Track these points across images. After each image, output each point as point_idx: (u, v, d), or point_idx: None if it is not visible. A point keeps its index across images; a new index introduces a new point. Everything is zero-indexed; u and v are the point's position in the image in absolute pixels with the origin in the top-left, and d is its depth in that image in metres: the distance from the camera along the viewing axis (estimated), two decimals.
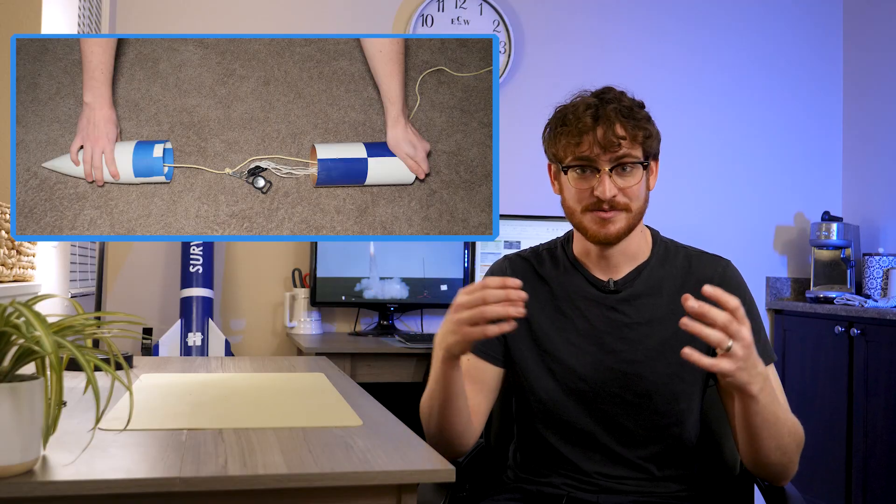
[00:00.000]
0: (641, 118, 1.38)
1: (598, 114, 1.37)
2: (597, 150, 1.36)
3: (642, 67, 3.58)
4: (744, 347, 1.15)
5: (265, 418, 1.24)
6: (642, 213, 1.42)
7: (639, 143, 1.37)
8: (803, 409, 3.30)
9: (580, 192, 1.40)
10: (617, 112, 1.36)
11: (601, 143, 1.36)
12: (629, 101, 1.40)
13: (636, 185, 1.38)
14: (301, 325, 3.12)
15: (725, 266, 1.47)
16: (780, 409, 1.29)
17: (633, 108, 1.38)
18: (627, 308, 1.44)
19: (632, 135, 1.36)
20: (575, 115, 1.38)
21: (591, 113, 1.37)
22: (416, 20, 3.35)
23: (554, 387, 1.45)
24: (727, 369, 1.15)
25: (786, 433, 1.30)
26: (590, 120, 1.36)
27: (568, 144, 1.39)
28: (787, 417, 1.31)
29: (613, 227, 1.39)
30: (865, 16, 3.71)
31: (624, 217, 1.39)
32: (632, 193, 1.38)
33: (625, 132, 1.36)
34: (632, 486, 1.43)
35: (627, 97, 1.41)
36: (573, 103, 1.41)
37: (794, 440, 1.33)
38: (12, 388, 0.86)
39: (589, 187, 1.38)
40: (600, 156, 1.36)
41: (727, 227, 3.65)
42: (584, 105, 1.38)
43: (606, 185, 1.36)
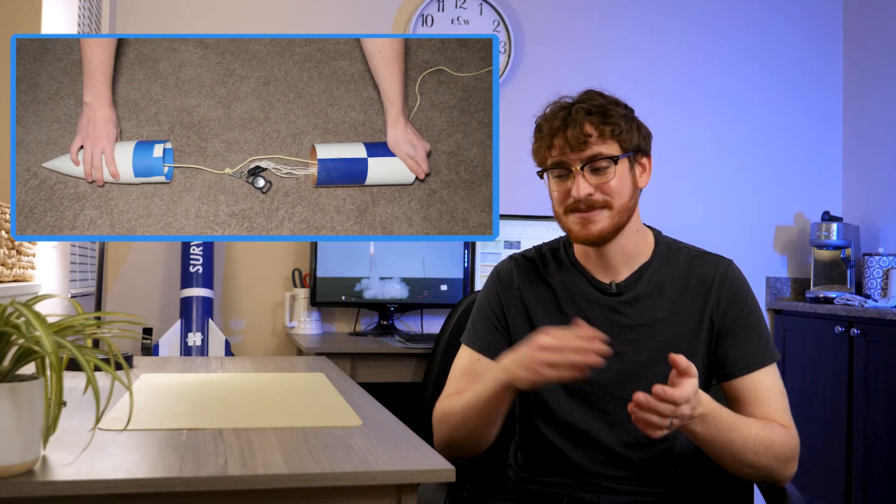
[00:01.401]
0: (613, 115, 1.38)
1: (568, 116, 1.38)
2: (567, 151, 1.38)
3: (642, 67, 3.58)
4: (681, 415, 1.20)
5: (265, 418, 1.24)
6: (628, 209, 1.42)
7: (609, 139, 1.38)
8: (803, 409, 3.30)
9: (560, 195, 1.42)
10: (585, 112, 1.38)
11: (570, 143, 1.37)
12: (602, 100, 1.40)
13: (613, 181, 1.38)
14: (301, 325, 3.12)
15: (727, 266, 1.47)
16: (738, 434, 1.31)
17: (605, 106, 1.39)
18: (629, 310, 1.44)
19: (600, 131, 1.37)
20: (546, 121, 1.41)
21: (561, 116, 1.39)
22: (416, 20, 3.35)
23: (556, 387, 1.45)
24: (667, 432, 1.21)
25: (750, 453, 1.32)
26: (558, 122, 1.39)
27: (541, 149, 1.42)
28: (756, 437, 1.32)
29: (595, 227, 1.39)
30: (865, 16, 3.71)
31: (606, 215, 1.39)
32: (609, 190, 1.38)
33: (593, 130, 1.37)
34: (633, 486, 1.43)
35: (602, 98, 1.41)
36: (550, 110, 1.43)
37: (771, 455, 1.34)
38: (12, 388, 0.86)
39: (567, 189, 1.40)
40: (569, 155, 1.38)
41: (727, 227, 3.65)
42: (556, 109, 1.41)
43: (580, 183, 1.37)
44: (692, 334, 1.43)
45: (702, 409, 1.25)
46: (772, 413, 1.37)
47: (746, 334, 1.42)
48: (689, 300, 1.45)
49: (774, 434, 1.34)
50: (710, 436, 1.29)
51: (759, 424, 1.34)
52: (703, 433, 1.28)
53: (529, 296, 1.51)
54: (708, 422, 1.27)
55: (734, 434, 1.30)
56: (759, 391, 1.39)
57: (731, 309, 1.43)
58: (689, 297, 1.45)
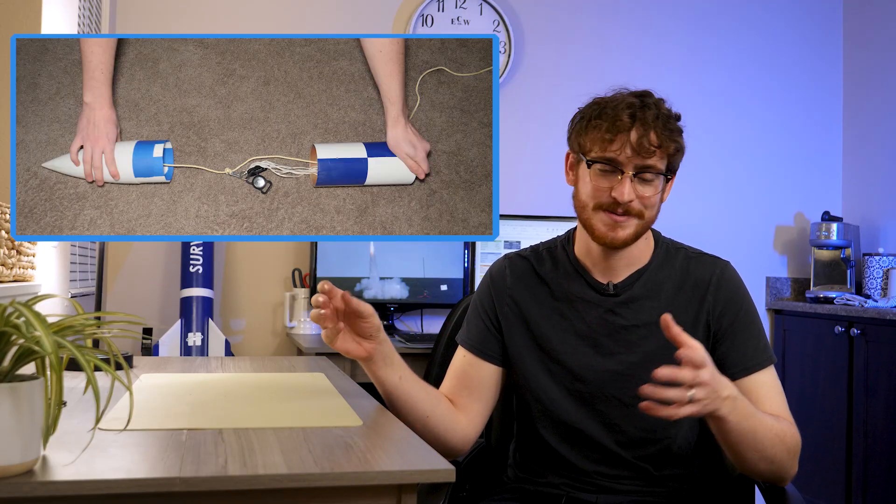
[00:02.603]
0: (675, 130, 1.37)
1: (637, 115, 1.34)
2: (627, 152, 1.34)
3: (642, 67, 3.58)
4: (704, 388, 1.18)
5: (265, 418, 1.24)
6: (652, 223, 1.42)
7: (668, 154, 1.36)
8: (803, 409, 3.30)
9: (597, 190, 1.37)
10: (655, 118, 1.34)
11: (634, 147, 1.33)
12: (667, 110, 1.38)
13: (654, 195, 1.38)
14: (301, 325, 3.12)
15: (723, 267, 1.46)
16: (759, 423, 1.29)
17: (670, 117, 1.37)
18: (625, 311, 1.44)
19: (665, 145, 1.35)
20: (613, 111, 1.35)
21: (630, 113, 1.34)
22: (416, 20, 3.35)
23: (552, 387, 1.45)
24: (691, 413, 1.19)
25: (769, 444, 1.30)
26: (627, 119, 1.34)
27: (599, 139, 1.36)
28: (771, 427, 1.31)
29: (623, 233, 1.38)
30: (865, 16, 3.71)
31: (635, 224, 1.38)
32: (648, 202, 1.37)
33: (658, 141, 1.34)
34: (631, 486, 1.43)
35: (666, 106, 1.39)
36: (613, 97, 1.38)
37: (784, 448, 1.33)
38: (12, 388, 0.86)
39: (608, 186, 1.36)
40: (628, 158, 1.34)
41: (727, 227, 3.65)
42: (625, 103, 1.36)
43: (626, 187, 1.34)
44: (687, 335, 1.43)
45: (728, 390, 1.23)
46: (774, 411, 1.37)
47: (744, 336, 1.42)
48: (684, 301, 1.44)
49: (784, 426, 1.34)
50: (737, 422, 1.25)
51: (771, 416, 1.33)
52: (734, 420, 1.25)
53: (522, 294, 1.50)
54: (737, 406, 1.24)
55: (756, 422, 1.28)
56: (759, 391, 1.39)
57: (727, 311, 1.43)
58: (685, 298, 1.44)
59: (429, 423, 1.41)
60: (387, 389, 1.39)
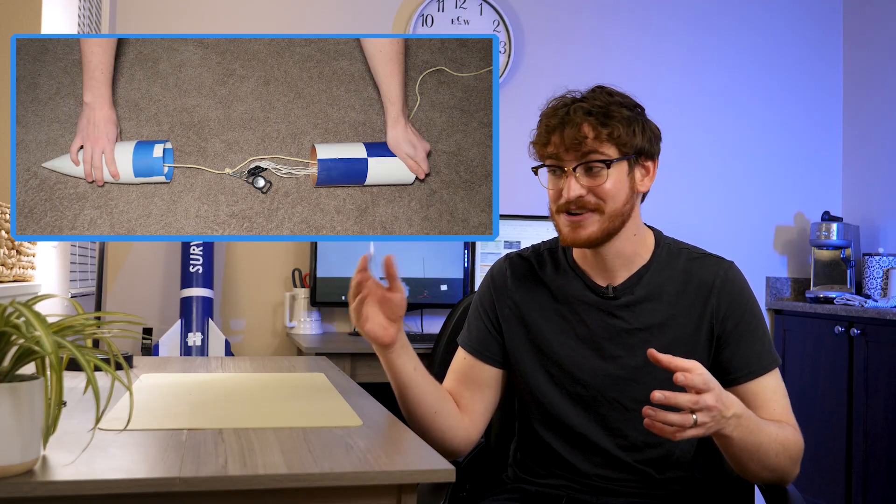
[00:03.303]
0: (615, 116, 1.34)
1: (565, 114, 1.35)
2: (561, 149, 1.35)
3: (642, 67, 3.58)
4: (708, 413, 1.17)
5: (265, 418, 1.24)
6: (620, 214, 1.37)
7: (606, 141, 1.34)
8: (803, 409, 3.30)
9: (553, 194, 1.39)
10: (584, 112, 1.34)
11: (566, 143, 1.34)
12: (607, 99, 1.36)
13: (607, 184, 1.34)
14: (301, 325, 3.12)
15: (727, 269, 1.44)
16: (764, 436, 1.28)
17: (607, 107, 1.35)
18: (627, 314, 1.42)
19: (597, 133, 1.33)
20: (546, 116, 1.39)
21: (560, 114, 1.36)
22: (416, 20, 3.35)
23: (552, 389, 1.44)
24: (695, 435, 1.18)
25: (773, 454, 1.30)
26: (556, 120, 1.36)
27: (539, 144, 1.39)
28: (776, 438, 1.31)
29: (584, 232, 1.36)
30: (865, 16, 3.71)
31: (596, 220, 1.36)
32: (602, 193, 1.34)
33: (590, 131, 1.33)
34: (631, 488, 1.43)
35: (608, 96, 1.37)
36: (548, 106, 1.41)
37: (787, 455, 1.32)
38: (12, 388, 0.86)
39: (560, 188, 1.37)
40: (563, 154, 1.35)
41: (727, 227, 3.65)
42: (557, 106, 1.38)
43: (571, 184, 1.34)
44: (690, 338, 1.41)
45: (735, 409, 1.22)
46: (778, 415, 1.36)
47: (749, 339, 1.40)
48: (687, 303, 1.42)
49: (788, 433, 1.33)
50: (742, 439, 1.25)
51: (775, 425, 1.33)
52: (738, 437, 1.24)
53: (523, 296, 1.49)
54: (742, 424, 1.23)
55: (762, 436, 1.28)
56: (763, 394, 1.37)
57: (731, 314, 1.40)
58: (688, 301, 1.42)
59: (436, 419, 1.41)
60: (402, 380, 1.39)
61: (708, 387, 1.17)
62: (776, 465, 1.31)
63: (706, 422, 1.17)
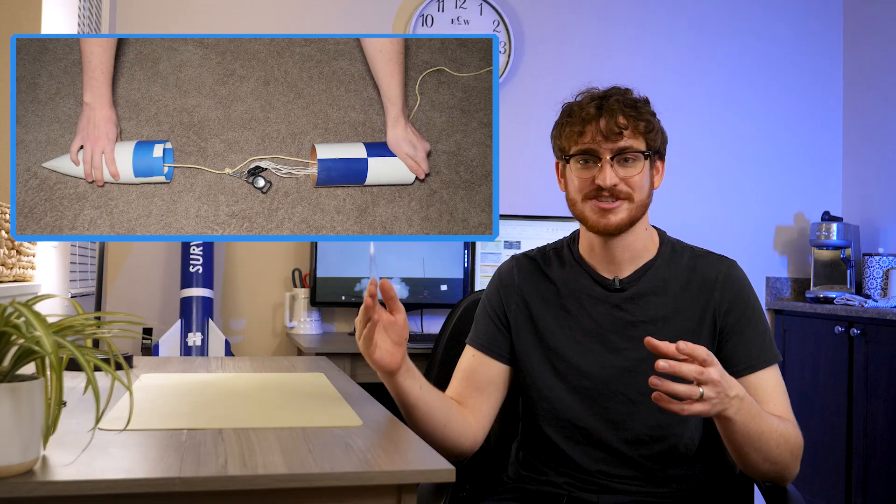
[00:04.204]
0: (644, 111, 1.41)
1: (602, 105, 1.40)
2: (599, 139, 1.39)
3: (642, 67, 3.58)
4: (714, 387, 1.18)
5: (265, 418, 1.24)
6: (645, 206, 1.44)
7: (641, 133, 1.40)
8: (803, 409, 3.30)
9: (582, 182, 1.42)
10: (620, 103, 1.39)
11: (603, 133, 1.38)
12: (633, 97, 1.43)
13: (638, 176, 1.40)
14: (301, 325, 3.12)
15: (730, 266, 1.48)
16: (765, 424, 1.29)
17: (636, 101, 1.42)
18: (632, 307, 1.45)
19: (634, 125, 1.39)
20: (579, 107, 1.42)
21: (595, 104, 1.40)
22: (416, 20, 3.35)
23: (558, 384, 1.46)
24: (701, 411, 1.19)
25: (774, 445, 1.31)
26: (593, 110, 1.40)
27: (571, 134, 1.41)
28: (776, 429, 1.31)
29: (615, 218, 1.40)
30: (865, 15, 3.71)
31: (626, 207, 1.41)
32: (634, 183, 1.40)
33: (627, 122, 1.39)
34: (634, 485, 1.43)
35: (633, 93, 1.44)
36: (578, 98, 1.45)
37: (788, 449, 1.33)
38: (12, 388, 0.86)
39: (591, 176, 1.40)
40: (602, 144, 1.39)
41: (727, 227, 3.65)
42: (589, 98, 1.42)
43: (608, 172, 1.38)
44: (694, 332, 1.43)
45: (737, 390, 1.23)
46: (778, 411, 1.37)
47: (750, 333, 1.42)
48: (691, 298, 1.45)
49: (789, 427, 1.34)
50: (745, 423, 1.26)
51: (776, 418, 1.34)
52: (741, 421, 1.25)
53: (531, 293, 1.52)
54: (744, 408, 1.25)
55: (763, 424, 1.29)
56: (764, 389, 1.39)
57: (733, 308, 1.44)
58: (692, 296, 1.45)
59: (445, 430, 1.42)
60: (409, 401, 1.38)
61: (711, 360, 1.18)
62: (777, 457, 1.32)
63: (712, 396, 1.18)
